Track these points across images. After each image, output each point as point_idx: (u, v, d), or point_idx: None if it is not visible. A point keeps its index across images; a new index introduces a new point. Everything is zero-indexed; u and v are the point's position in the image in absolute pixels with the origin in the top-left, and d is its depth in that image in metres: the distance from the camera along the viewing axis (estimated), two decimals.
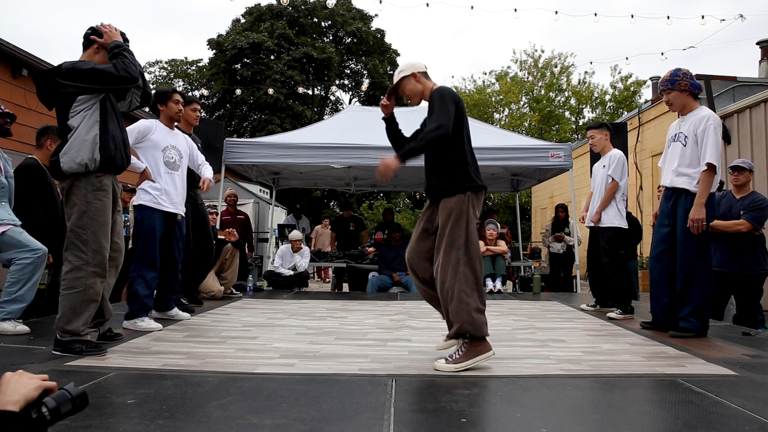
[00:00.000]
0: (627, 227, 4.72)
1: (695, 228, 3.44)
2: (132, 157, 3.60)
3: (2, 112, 3.76)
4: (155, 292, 3.97)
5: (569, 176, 7.09)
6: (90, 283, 2.81)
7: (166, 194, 3.87)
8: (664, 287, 3.72)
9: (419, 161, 3.31)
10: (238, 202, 8.66)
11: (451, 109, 2.73)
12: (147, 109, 4.26)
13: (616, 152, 4.79)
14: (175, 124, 4.17)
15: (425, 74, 2.96)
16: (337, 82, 26.73)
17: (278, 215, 11.49)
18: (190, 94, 27.66)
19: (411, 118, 9.13)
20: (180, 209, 4.02)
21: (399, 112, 9.83)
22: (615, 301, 4.57)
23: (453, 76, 42.96)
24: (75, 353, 2.75)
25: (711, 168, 3.42)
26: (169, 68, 28.62)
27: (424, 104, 3.04)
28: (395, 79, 2.99)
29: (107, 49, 2.89)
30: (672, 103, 3.70)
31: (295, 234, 7.43)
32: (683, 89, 3.61)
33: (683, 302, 3.53)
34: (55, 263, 4.11)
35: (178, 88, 24.96)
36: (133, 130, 3.73)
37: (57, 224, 4.04)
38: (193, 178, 4.45)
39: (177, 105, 4.06)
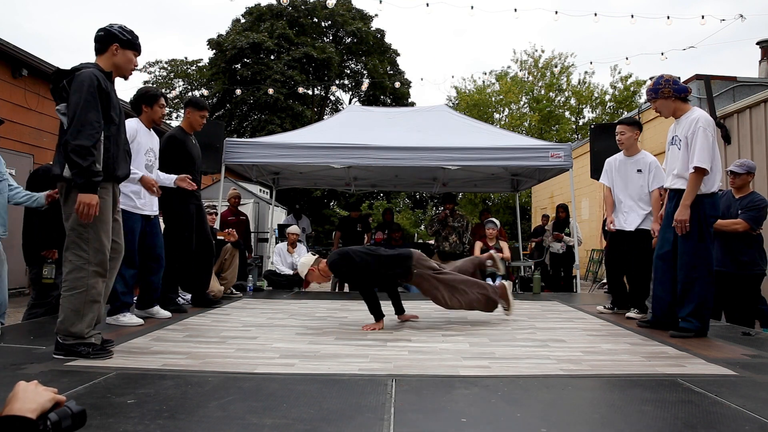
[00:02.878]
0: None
1: (679, 228, 3.45)
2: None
3: None
4: (138, 290, 4.15)
5: (569, 176, 7.08)
6: (92, 283, 2.76)
7: (144, 197, 4.00)
8: (666, 287, 3.72)
9: (419, 162, 3.49)
10: (239, 203, 8.66)
11: None
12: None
13: (652, 158, 4.56)
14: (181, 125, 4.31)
15: None
16: (337, 82, 26.74)
17: (278, 215, 11.50)
18: (189, 94, 27.72)
19: (410, 117, 9.11)
20: (154, 210, 4.16)
21: (399, 112, 9.80)
22: (634, 301, 4.55)
23: (453, 76, 43.06)
24: (81, 356, 2.69)
25: (698, 170, 3.42)
26: (169, 68, 28.63)
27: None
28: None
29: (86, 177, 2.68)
30: (660, 110, 3.73)
31: (292, 228, 7.43)
32: (667, 96, 3.63)
33: (683, 302, 3.54)
34: (61, 260, 4.16)
35: (177, 89, 24.76)
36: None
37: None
38: (195, 179, 4.54)
39: (162, 109, 4.13)
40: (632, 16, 11.63)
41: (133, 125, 3.92)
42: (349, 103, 28.09)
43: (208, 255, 4.88)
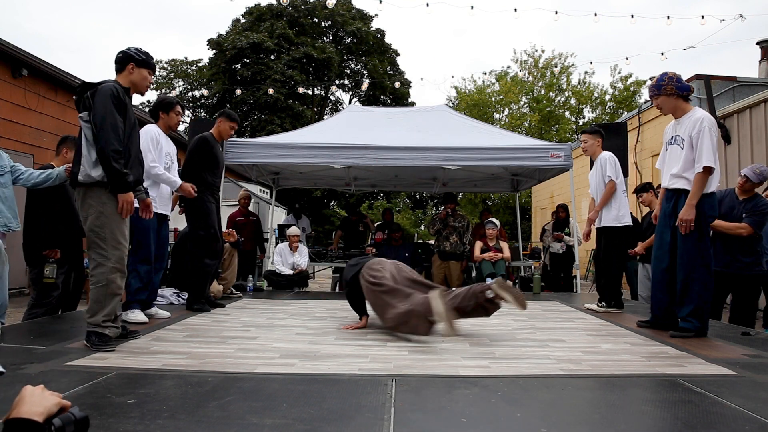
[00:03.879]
0: (630, 224, 4.81)
1: (683, 228, 3.45)
2: (168, 174, 4.14)
3: None
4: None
5: (569, 176, 7.08)
6: (111, 278, 2.99)
7: (161, 198, 4.18)
8: (664, 287, 3.72)
9: (419, 162, 3.48)
10: (249, 203, 8.66)
11: None
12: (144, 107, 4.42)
13: (604, 155, 4.91)
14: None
15: None
16: (337, 82, 26.73)
17: (278, 215, 11.49)
18: (189, 94, 27.73)
19: (410, 117, 9.11)
20: (168, 210, 4.32)
21: (399, 112, 9.80)
22: (604, 293, 4.83)
23: (453, 76, 43.06)
24: (87, 344, 2.94)
25: (706, 170, 3.42)
26: (169, 68, 28.61)
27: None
28: None
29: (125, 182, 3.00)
30: (661, 107, 3.74)
31: (293, 230, 7.44)
32: (670, 93, 3.64)
33: (683, 302, 3.53)
34: (62, 259, 4.25)
35: (177, 89, 24.73)
36: (149, 143, 3.97)
37: (71, 223, 4.25)
38: (217, 183, 4.75)
39: (178, 116, 4.38)
40: (632, 16, 11.63)
41: (154, 130, 4.15)
42: (349, 103, 28.09)
43: (219, 256, 4.94)
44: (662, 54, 18.93)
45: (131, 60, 3.18)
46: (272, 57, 24.65)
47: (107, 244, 2.98)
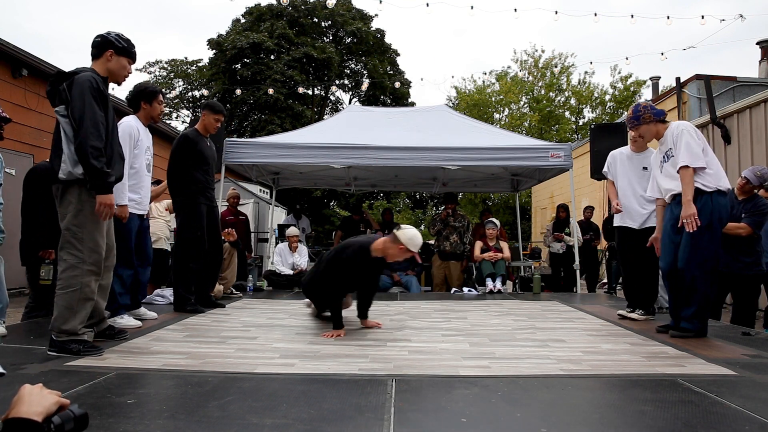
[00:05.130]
0: None
1: (689, 225, 3.41)
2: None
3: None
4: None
5: (569, 176, 7.08)
6: (86, 282, 2.82)
7: (141, 197, 3.93)
8: (670, 288, 3.71)
9: (419, 162, 3.47)
10: (238, 203, 8.67)
11: None
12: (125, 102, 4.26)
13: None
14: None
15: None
16: (337, 82, 26.72)
17: (278, 215, 11.49)
18: (189, 94, 27.72)
19: (410, 117, 9.10)
20: (145, 209, 4.07)
21: (399, 112, 9.84)
22: (642, 302, 4.34)
23: (453, 76, 43.10)
24: (72, 353, 2.74)
25: (686, 168, 3.41)
26: (169, 68, 28.58)
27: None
28: None
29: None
30: (644, 135, 3.83)
31: (292, 230, 7.44)
32: (648, 121, 3.74)
33: (688, 302, 3.51)
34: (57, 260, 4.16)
35: (177, 89, 24.61)
36: (125, 138, 3.59)
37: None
38: (208, 180, 4.58)
39: (161, 106, 4.08)
40: (632, 16, 11.63)
41: (132, 123, 3.84)
42: (349, 103, 28.08)
43: (217, 257, 4.85)
44: (662, 54, 18.90)
45: (110, 46, 2.93)
46: (272, 57, 24.63)
47: (84, 245, 2.80)
